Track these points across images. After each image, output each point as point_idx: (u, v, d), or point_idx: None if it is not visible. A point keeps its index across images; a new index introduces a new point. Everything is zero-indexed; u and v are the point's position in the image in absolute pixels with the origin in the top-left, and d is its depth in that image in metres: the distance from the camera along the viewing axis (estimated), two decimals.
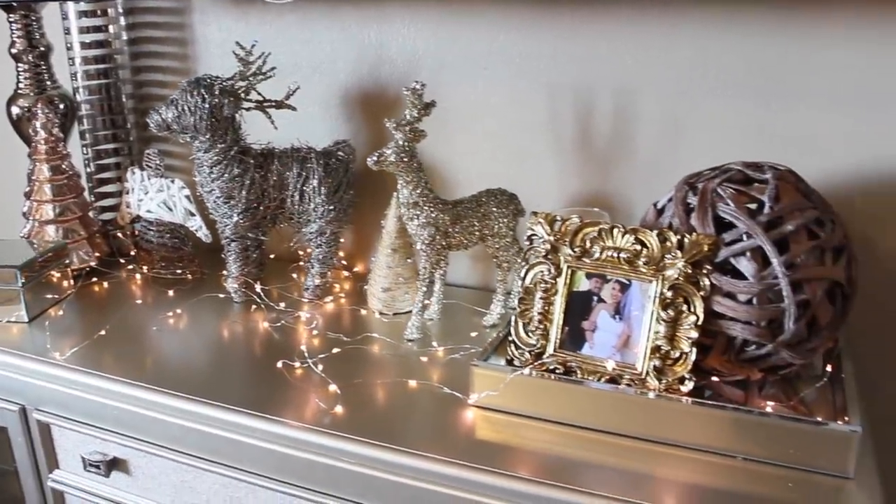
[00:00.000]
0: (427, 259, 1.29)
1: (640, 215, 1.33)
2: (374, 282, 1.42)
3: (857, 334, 1.31)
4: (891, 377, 1.34)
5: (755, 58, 1.26)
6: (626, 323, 1.08)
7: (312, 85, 1.55)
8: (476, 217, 1.29)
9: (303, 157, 1.41)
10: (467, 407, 1.11)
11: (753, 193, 1.07)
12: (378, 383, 1.18)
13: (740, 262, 1.04)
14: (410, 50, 1.46)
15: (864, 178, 1.27)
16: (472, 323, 1.36)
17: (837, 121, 1.25)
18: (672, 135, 1.34)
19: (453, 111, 1.45)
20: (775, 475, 0.98)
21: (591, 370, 1.08)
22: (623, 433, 1.05)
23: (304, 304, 1.45)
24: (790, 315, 1.03)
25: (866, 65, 1.22)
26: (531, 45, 1.38)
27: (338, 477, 1.07)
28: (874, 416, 1.32)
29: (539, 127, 1.41)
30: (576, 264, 1.10)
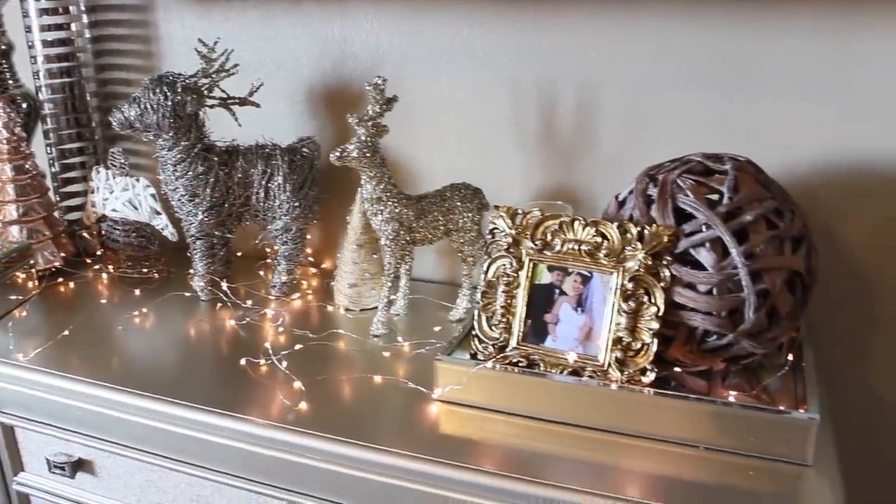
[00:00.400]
0: (392, 254, 1.29)
1: (603, 208, 1.33)
2: (340, 278, 1.42)
3: (819, 323, 1.32)
4: (852, 365, 1.35)
5: (717, 49, 1.27)
6: (588, 315, 1.08)
7: (277, 81, 1.54)
8: (440, 212, 1.29)
9: (267, 154, 1.41)
10: (432, 401, 1.12)
11: (713, 184, 1.08)
12: (343, 379, 1.18)
13: (700, 253, 1.05)
14: (374, 45, 1.46)
15: (828, 168, 1.28)
16: (438, 318, 1.36)
17: (800, 111, 1.26)
18: (635, 127, 1.34)
19: (418, 106, 1.45)
20: (736, 464, 1.00)
21: (553, 363, 1.09)
22: (587, 425, 1.06)
23: (271, 301, 1.45)
24: (750, 305, 1.04)
25: (827, 55, 1.22)
26: (494, 39, 1.38)
27: (303, 473, 1.07)
28: (836, 404, 1.34)
29: (503, 121, 1.41)
30: (537, 257, 1.11)
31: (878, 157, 1.24)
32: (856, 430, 1.37)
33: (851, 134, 1.25)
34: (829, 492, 0.95)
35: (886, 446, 1.38)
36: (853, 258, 1.30)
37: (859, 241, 1.29)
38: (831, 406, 1.24)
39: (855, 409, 1.37)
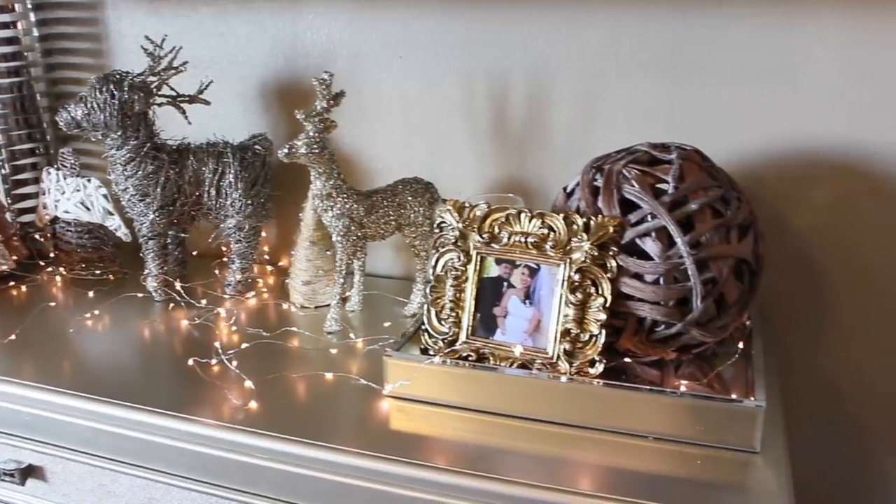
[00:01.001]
0: (343, 250, 1.28)
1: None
2: (294, 275, 1.40)
3: (772, 310, 1.33)
4: (805, 351, 1.36)
5: (666, 38, 1.27)
6: (537, 307, 1.08)
7: (230, 78, 1.53)
8: (391, 207, 1.28)
9: (219, 153, 1.39)
10: (382, 398, 1.11)
11: (658, 174, 1.07)
12: (295, 377, 1.17)
13: (646, 243, 1.04)
14: (325, 40, 1.45)
15: (776, 156, 1.28)
16: (393, 313, 1.35)
17: (748, 100, 1.26)
18: (586, 118, 1.34)
19: (370, 100, 1.44)
20: (685, 453, 0.99)
21: (503, 356, 1.08)
22: (538, 418, 1.05)
23: (226, 300, 1.43)
24: (697, 294, 1.04)
25: (774, 43, 1.23)
26: (444, 31, 1.37)
27: (252, 473, 1.05)
28: (789, 390, 1.35)
29: (455, 114, 1.41)
30: (485, 250, 1.10)
31: (825, 143, 1.25)
32: (809, 415, 1.38)
33: (798, 121, 1.25)
34: (776, 479, 0.95)
35: (838, 430, 1.39)
36: (803, 244, 1.31)
37: (809, 227, 1.30)
38: (784, 393, 1.25)
39: (808, 394, 1.37)
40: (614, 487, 0.93)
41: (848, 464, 1.40)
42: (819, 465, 1.41)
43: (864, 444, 1.38)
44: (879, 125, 1.22)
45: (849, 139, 1.24)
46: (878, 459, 1.39)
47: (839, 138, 1.24)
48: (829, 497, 1.44)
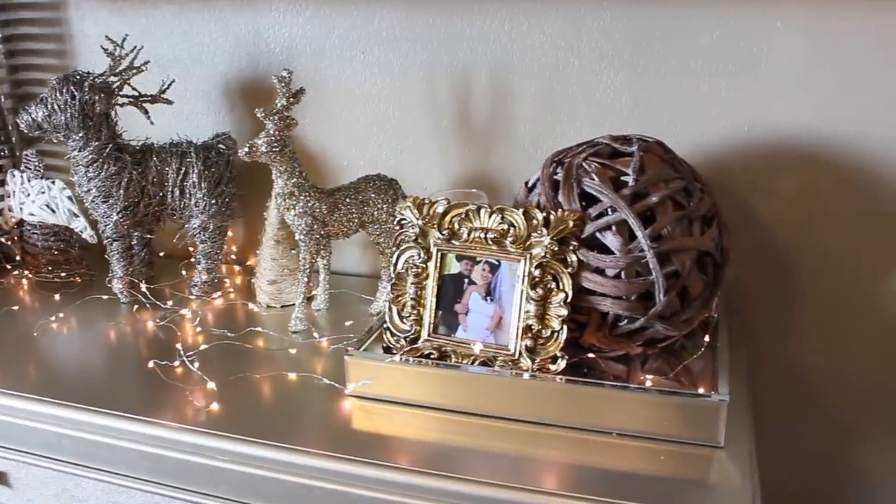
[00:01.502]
0: (306, 249, 1.26)
1: None
2: (260, 275, 1.39)
3: (739, 301, 1.32)
4: (774, 342, 1.35)
5: (626, 29, 1.26)
6: (498, 304, 1.07)
7: (194, 77, 1.51)
8: (354, 204, 1.27)
9: (182, 152, 1.38)
10: (345, 397, 1.10)
11: (619, 167, 1.06)
12: (258, 378, 1.16)
13: (606, 237, 1.03)
14: (287, 38, 1.43)
15: (741, 146, 1.27)
16: (360, 311, 1.34)
17: (712, 89, 1.26)
18: (550, 111, 1.33)
19: (334, 97, 1.43)
20: (649, 449, 0.98)
21: (465, 353, 1.07)
22: (501, 416, 1.04)
23: (193, 300, 1.42)
24: (659, 287, 1.03)
25: (737, 31, 1.22)
26: (406, 26, 1.36)
27: (213, 475, 1.04)
28: (759, 382, 1.34)
29: (419, 109, 1.40)
30: (445, 247, 1.09)
31: (790, 133, 1.24)
32: (780, 406, 1.38)
33: (763, 111, 1.25)
34: (739, 473, 0.94)
35: (810, 421, 1.38)
36: (770, 235, 1.30)
37: (775, 218, 1.29)
38: (754, 384, 1.24)
39: (779, 385, 1.37)
40: (577, 485, 0.92)
41: (820, 454, 1.40)
42: (791, 456, 1.41)
43: (835, 433, 1.38)
44: (843, 114, 1.22)
45: (813, 128, 1.24)
46: (851, 449, 1.38)
47: (804, 128, 1.24)
48: (803, 487, 1.43)
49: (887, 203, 1.24)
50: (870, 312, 1.30)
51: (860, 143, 1.23)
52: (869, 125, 1.21)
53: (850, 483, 1.40)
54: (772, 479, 1.38)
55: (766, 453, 1.37)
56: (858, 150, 1.23)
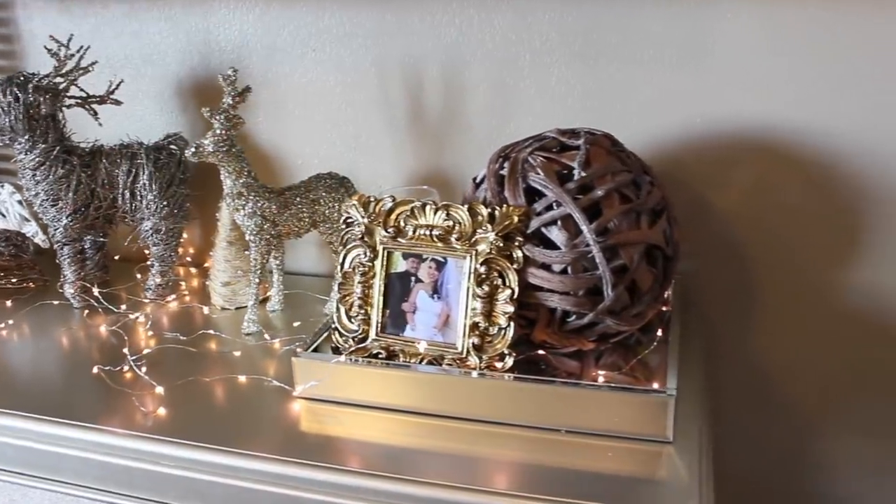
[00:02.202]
0: (257, 249, 1.25)
1: None
2: (214, 276, 1.37)
3: (697, 294, 1.31)
4: (733, 334, 1.35)
5: (577, 21, 1.25)
6: (445, 301, 1.05)
7: (145, 77, 1.49)
8: (305, 203, 1.25)
9: (132, 154, 1.36)
10: (293, 399, 1.08)
11: (565, 160, 1.05)
12: (207, 381, 1.14)
13: (552, 232, 1.02)
14: (238, 36, 1.41)
15: (695, 137, 1.26)
16: (315, 312, 1.33)
17: (665, 80, 1.25)
18: (503, 105, 1.32)
19: (287, 95, 1.42)
20: (597, 446, 0.97)
21: (413, 353, 1.06)
22: (450, 415, 1.03)
23: (147, 304, 1.40)
24: (607, 282, 1.02)
25: (688, 21, 1.21)
26: (357, 22, 1.34)
27: (159, 482, 1.02)
28: (718, 375, 1.34)
29: (372, 106, 1.38)
30: (391, 245, 1.07)
31: (744, 123, 1.24)
32: (740, 399, 1.37)
33: (716, 102, 1.24)
34: (687, 468, 0.93)
35: (770, 413, 1.38)
36: (727, 227, 1.29)
37: (731, 209, 1.28)
38: (712, 377, 1.23)
39: (738, 378, 1.36)
40: (526, 485, 0.91)
41: (779, 446, 1.39)
42: (750, 448, 1.40)
43: (793, 425, 1.38)
44: (797, 104, 1.21)
45: (767, 119, 1.23)
46: (808, 440, 1.38)
47: (757, 119, 1.23)
48: (762, 479, 1.43)
49: (842, 194, 1.24)
50: (825, 304, 1.29)
51: (814, 135, 1.22)
52: (823, 116, 1.21)
53: (808, 473, 1.40)
54: (730, 472, 1.38)
55: (725, 446, 1.37)
56: (813, 141, 1.22)
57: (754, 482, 1.43)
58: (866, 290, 1.27)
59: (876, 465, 1.38)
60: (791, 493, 1.42)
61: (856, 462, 1.39)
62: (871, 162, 1.21)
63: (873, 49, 1.16)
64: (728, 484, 1.38)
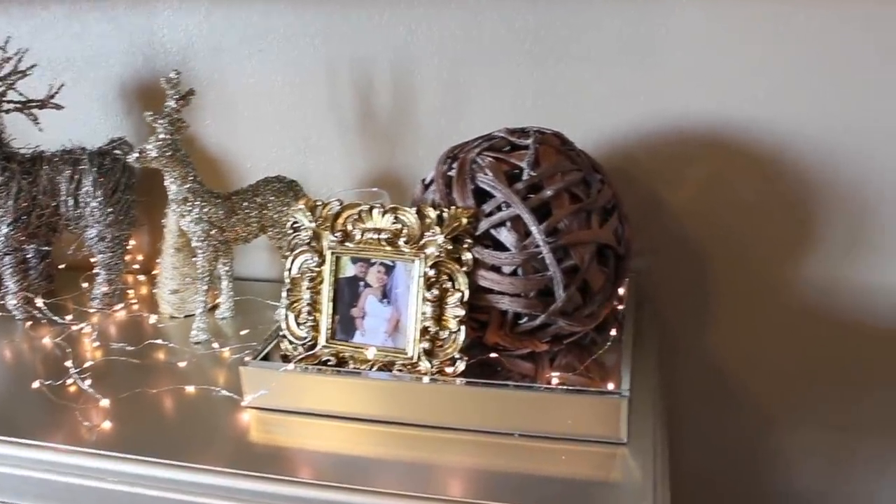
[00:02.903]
0: (204, 256, 1.22)
1: None
2: (162, 284, 1.34)
3: (652, 291, 1.30)
4: (686, 332, 1.34)
5: (526, 19, 1.23)
6: (394, 306, 1.03)
7: (88, 80, 1.45)
8: (253, 208, 1.22)
9: (75, 160, 1.32)
10: (242, 410, 1.05)
11: (514, 160, 1.04)
12: (154, 393, 1.11)
13: (501, 233, 1.00)
14: (183, 36, 1.38)
15: (648, 134, 1.26)
16: (266, 318, 1.30)
17: (616, 77, 1.24)
18: (454, 104, 1.30)
19: (234, 97, 1.39)
20: (551, 449, 0.96)
21: (363, 359, 1.04)
22: (403, 422, 1.01)
23: (93, 314, 1.36)
24: (558, 283, 1.00)
25: (637, 17, 1.20)
26: (304, 22, 1.32)
27: (103, 498, 0.99)
28: (676, 372, 1.33)
29: (322, 107, 1.36)
30: (339, 250, 1.05)
31: (696, 119, 1.23)
32: (698, 396, 1.37)
33: (667, 98, 1.23)
34: (641, 470, 0.92)
35: (728, 409, 1.38)
36: (680, 224, 1.29)
37: (684, 206, 1.28)
38: (666, 376, 1.23)
39: (695, 375, 1.36)
40: (479, 491, 0.89)
41: (737, 440, 1.40)
42: (708, 444, 1.40)
43: (751, 421, 1.38)
44: (748, 100, 1.21)
45: (718, 115, 1.22)
46: (766, 433, 1.39)
47: (708, 114, 1.22)
48: (721, 474, 1.43)
49: (793, 189, 1.24)
50: (779, 299, 1.29)
51: (766, 130, 1.22)
52: (774, 111, 1.20)
53: (764, 468, 1.41)
54: (686, 470, 1.37)
55: (681, 444, 1.37)
56: (764, 136, 1.22)
57: (711, 479, 1.43)
58: (819, 284, 1.27)
59: (830, 458, 1.39)
60: (748, 489, 1.43)
61: (810, 455, 1.39)
62: (821, 156, 1.21)
63: (823, 44, 1.16)
64: (685, 481, 1.37)
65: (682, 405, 1.37)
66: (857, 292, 1.27)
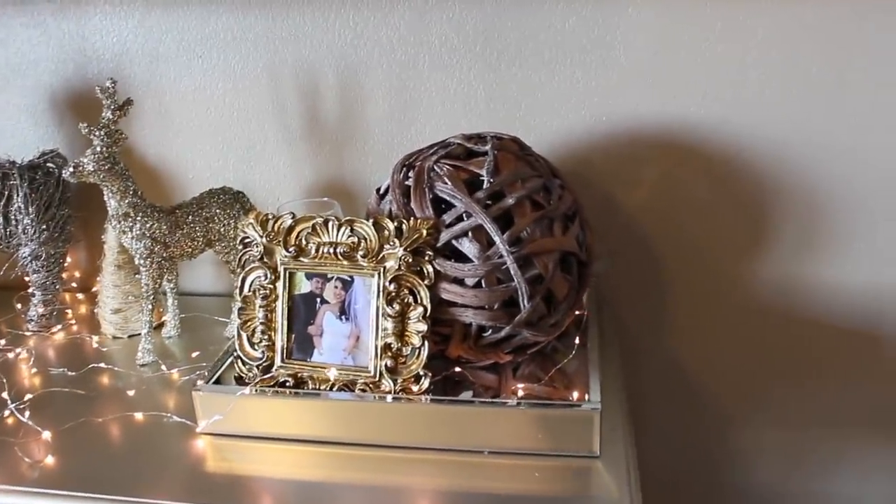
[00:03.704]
0: (148, 274, 1.16)
1: None
2: (103, 304, 1.27)
3: (609, 293, 1.29)
4: (646, 334, 1.34)
5: (476, 21, 1.20)
6: (354, 322, 0.99)
7: (15, 89, 1.37)
8: (198, 222, 1.17)
9: (3, 174, 1.25)
10: (197, 436, 1.00)
11: (473, 168, 1.00)
12: (100, 422, 1.05)
13: (463, 244, 0.97)
14: (116, 43, 1.31)
15: (602, 136, 1.24)
16: (215, 336, 1.25)
17: (568, 80, 1.22)
18: (404, 109, 1.26)
19: (174, 105, 1.33)
20: (523, 466, 0.93)
21: (323, 379, 0.99)
22: (367, 443, 0.97)
23: (29, 337, 1.29)
24: (523, 293, 0.97)
25: (589, 19, 1.18)
26: (245, 26, 1.26)
27: None
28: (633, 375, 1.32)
29: (266, 114, 1.31)
30: (293, 265, 1.01)
31: (650, 121, 1.22)
32: (659, 396, 1.36)
33: (622, 99, 1.22)
34: (616, 483, 0.90)
35: (689, 408, 1.37)
36: (637, 225, 1.28)
37: (639, 207, 1.27)
38: (629, 379, 1.21)
39: (653, 377, 1.35)
40: None
41: (699, 440, 1.40)
42: (671, 445, 1.40)
43: (712, 419, 1.38)
44: (701, 101, 1.20)
45: (672, 116, 1.21)
46: (726, 433, 1.39)
47: (662, 115, 1.21)
48: (683, 474, 1.43)
49: (747, 188, 1.23)
50: (735, 297, 1.29)
51: (719, 130, 1.21)
52: (726, 111, 1.20)
53: (725, 464, 1.41)
54: (649, 470, 1.36)
55: (644, 444, 1.35)
56: (717, 136, 1.21)
57: (673, 479, 1.42)
58: (773, 282, 1.28)
59: (787, 454, 1.40)
60: (706, 487, 1.43)
61: (768, 452, 1.40)
62: (773, 156, 1.21)
63: (774, 45, 1.16)
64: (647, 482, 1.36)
65: (643, 406, 1.36)
66: (809, 289, 1.27)
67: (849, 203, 1.22)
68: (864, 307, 1.27)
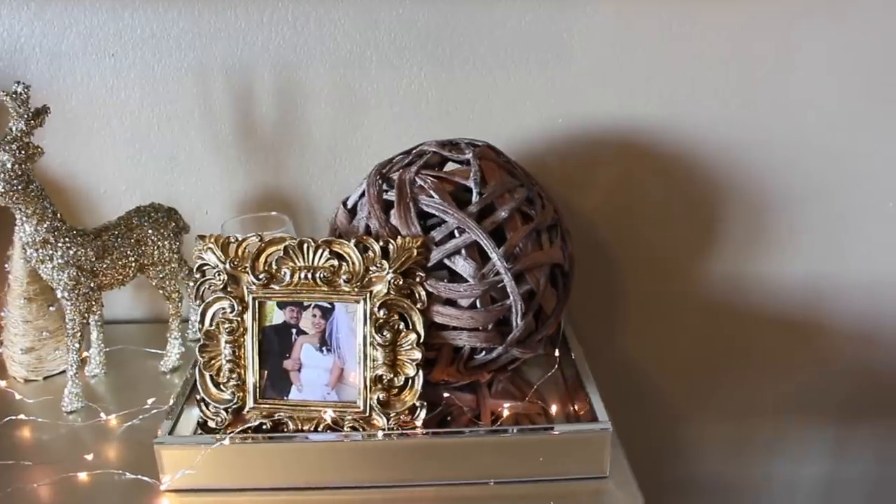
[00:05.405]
0: (74, 308, 1.00)
1: (325, 210, 1.17)
2: (10, 343, 1.10)
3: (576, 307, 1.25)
4: (602, 336, 1.31)
5: (427, 18, 1.13)
6: (337, 354, 0.90)
7: None
8: (128, 245, 1.03)
9: None
10: (161, 494, 0.87)
11: (457, 179, 0.93)
12: (34, 488, 0.90)
13: (456, 263, 0.90)
14: (8, 38, 1.14)
15: (558, 138, 1.20)
16: (147, 370, 1.11)
17: (523, 81, 1.17)
18: (348, 111, 1.17)
19: (82, 111, 1.17)
20: (533, 494, 0.87)
21: (305, 418, 0.89)
22: (359, 485, 0.87)
23: None
24: (517, 311, 0.91)
25: (546, 18, 1.13)
26: (167, 21, 1.13)
27: None
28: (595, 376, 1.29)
29: (191, 119, 1.18)
30: (263, 294, 0.89)
31: (605, 122, 1.19)
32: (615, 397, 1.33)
33: (577, 100, 1.18)
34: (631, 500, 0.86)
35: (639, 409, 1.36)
36: (593, 228, 1.25)
37: (594, 210, 1.24)
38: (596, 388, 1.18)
39: (612, 376, 1.33)
40: None
41: (650, 438, 1.39)
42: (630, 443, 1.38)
43: (664, 417, 1.38)
44: (656, 101, 1.18)
45: (627, 117, 1.19)
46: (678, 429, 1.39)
47: (618, 117, 1.19)
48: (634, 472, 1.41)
49: (700, 188, 1.23)
50: (687, 296, 1.30)
51: (673, 131, 1.20)
52: (681, 112, 1.19)
53: (673, 459, 1.41)
54: None
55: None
56: (671, 137, 1.20)
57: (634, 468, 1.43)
58: (721, 280, 1.29)
59: (730, 443, 1.42)
60: (658, 483, 1.43)
61: (713, 442, 1.42)
62: (724, 157, 1.21)
63: (727, 47, 1.16)
64: None
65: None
66: (755, 286, 1.29)
67: (790, 201, 1.24)
68: (803, 301, 1.30)
